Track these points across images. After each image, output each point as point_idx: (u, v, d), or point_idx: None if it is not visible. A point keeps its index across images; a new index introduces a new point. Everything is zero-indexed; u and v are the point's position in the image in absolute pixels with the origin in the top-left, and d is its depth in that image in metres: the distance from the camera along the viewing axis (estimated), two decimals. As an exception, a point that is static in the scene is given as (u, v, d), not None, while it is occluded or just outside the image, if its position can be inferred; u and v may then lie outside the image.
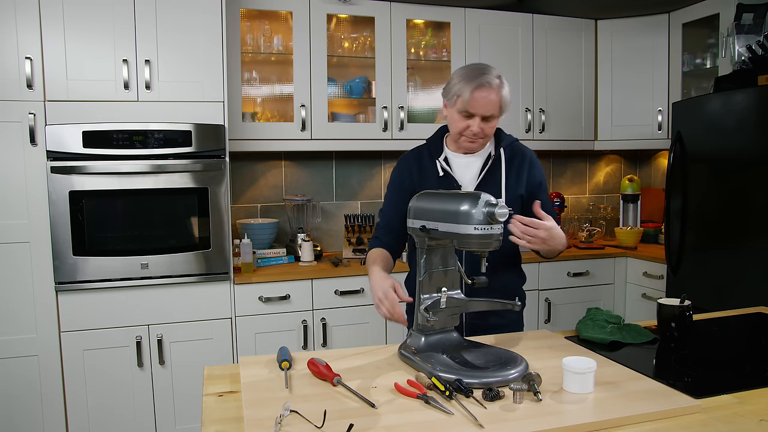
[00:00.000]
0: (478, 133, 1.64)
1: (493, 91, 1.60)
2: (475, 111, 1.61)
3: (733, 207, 2.61)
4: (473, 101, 1.59)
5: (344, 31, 3.23)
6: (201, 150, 2.58)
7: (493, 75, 1.61)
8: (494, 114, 1.63)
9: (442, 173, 1.71)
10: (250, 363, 1.37)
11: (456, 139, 1.70)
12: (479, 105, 1.60)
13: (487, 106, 1.60)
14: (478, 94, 1.59)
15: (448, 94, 1.66)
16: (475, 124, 1.62)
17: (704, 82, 3.33)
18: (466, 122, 1.63)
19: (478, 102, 1.59)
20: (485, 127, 1.64)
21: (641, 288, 3.28)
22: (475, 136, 1.65)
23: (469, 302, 1.44)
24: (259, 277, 2.73)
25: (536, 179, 1.76)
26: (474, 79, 1.60)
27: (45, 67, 2.40)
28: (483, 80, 1.59)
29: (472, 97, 1.59)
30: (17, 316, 2.44)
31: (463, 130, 1.65)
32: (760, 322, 1.75)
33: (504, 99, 1.63)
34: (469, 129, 1.63)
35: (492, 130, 1.68)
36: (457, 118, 1.65)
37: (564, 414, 1.07)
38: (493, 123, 1.66)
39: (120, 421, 2.57)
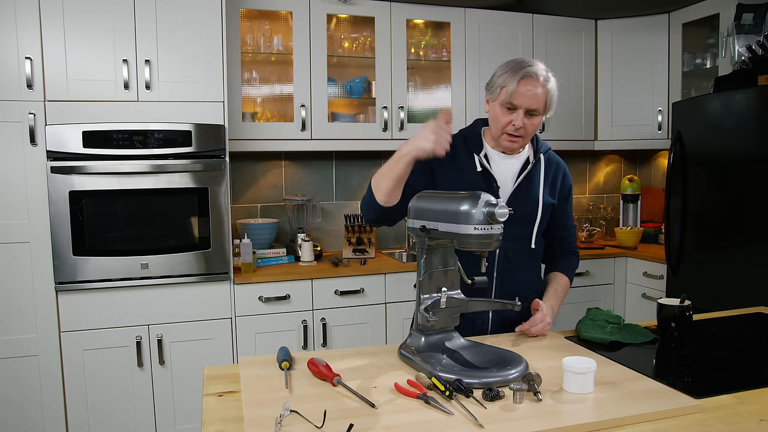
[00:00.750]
0: (521, 128, 1.56)
1: (540, 84, 1.54)
2: (519, 103, 1.54)
3: (733, 207, 2.61)
4: (518, 92, 1.53)
5: (344, 31, 3.23)
6: (201, 150, 2.58)
7: (540, 67, 1.55)
8: (539, 109, 1.56)
9: (481, 169, 1.64)
10: (250, 363, 1.37)
11: (497, 137, 1.63)
12: (524, 97, 1.53)
13: (532, 100, 1.54)
14: (524, 84, 1.53)
15: (492, 86, 1.59)
16: (518, 118, 1.55)
17: (704, 82, 3.33)
18: (509, 116, 1.57)
19: (523, 94, 1.53)
20: (528, 123, 1.57)
21: (641, 288, 3.28)
22: (517, 132, 1.57)
23: (469, 302, 1.44)
24: (259, 277, 2.73)
25: (567, 191, 1.75)
26: (520, 69, 1.53)
27: (45, 67, 2.40)
28: (530, 71, 1.53)
29: (517, 88, 1.53)
30: (17, 316, 2.44)
31: (505, 125, 1.58)
32: (760, 322, 1.75)
33: (550, 93, 1.56)
34: (512, 124, 1.57)
35: (534, 129, 1.61)
36: (500, 112, 1.58)
37: (564, 414, 1.07)
38: (537, 121, 1.59)
39: (120, 421, 2.57)
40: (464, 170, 1.66)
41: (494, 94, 1.59)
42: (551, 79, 1.57)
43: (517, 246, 1.65)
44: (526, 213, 1.65)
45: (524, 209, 1.64)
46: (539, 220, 1.66)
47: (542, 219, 1.67)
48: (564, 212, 1.76)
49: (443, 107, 3.34)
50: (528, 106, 1.55)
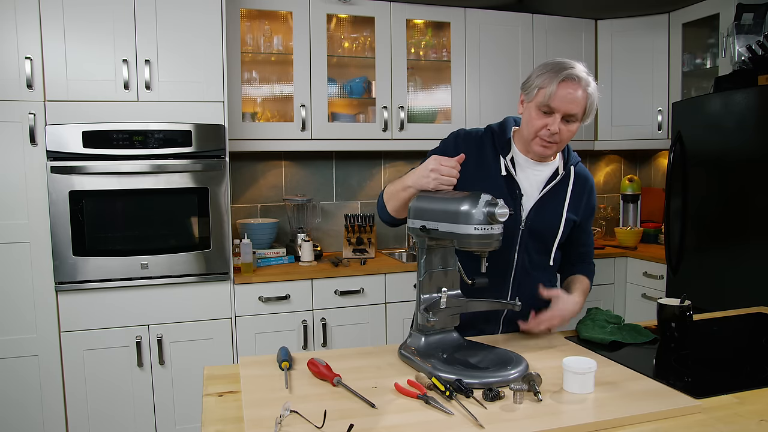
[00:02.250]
0: (556, 134, 1.46)
1: (581, 88, 1.44)
2: (557, 107, 1.44)
3: (733, 207, 2.61)
4: (558, 95, 1.43)
5: (344, 31, 3.23)
6: (201, 150, 2.58)
7: (581, 69, 1.45)
8: (577, 114, 1.46)
9: (506, 173, 1.55)
10: (250, 363, 1.36)
11: (529, 140, 1.52)
12: (564, 101, 1.43)
13: (572, 104, 1.44)
14: (564, 87, 1.42)
15: (529, 86, 1.49)
16: (555, 122, 1.45)
17: (704, 82, 3.33)
18: (544, 120, 1.46)
19: (563, 97, 1.43)
20: (564, 129, 1.47)
21: (641, 288, 3.28)
22: (552, 138, 1.47)
23: (469, 302, 1.44)
24: (259, 277, 2.73)
25: (591, 210, 1.68)
26: (562, 71, 1.43)
27: (45, 67, 2.40)
28: (572, 73, 1.43)
29: (557, 91, 1.42)
30: (17, 316, 2.44)
31: (539, 129, 1.48)
32: (760, 322, 1.75)
33: (591, 99, 1.46)
34: (547, 128, 1.46)
35: (570, 136, 1.50)
36: (535, 116, 1.48)
37: (564, 414, 1.07)
38: (574, 127, 1.48)
39: (120, 421, 2.57)
40: (488, 171, 1.57)
41: (531, 94, 1.48)
42: (592, 82, 1.47)
43: (536, 258, 1.61)
44: (547, 226, 1.58)
45: (546, 222, 1.58)
46: (560, 235, 1.59)
47: (563, 234, 1.60)
48: (585, 231, 1.71)
49: (443, 107, 3.34)
50: (566, 111, 1.45)
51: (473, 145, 1.59)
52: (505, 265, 1.58)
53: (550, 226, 1.59)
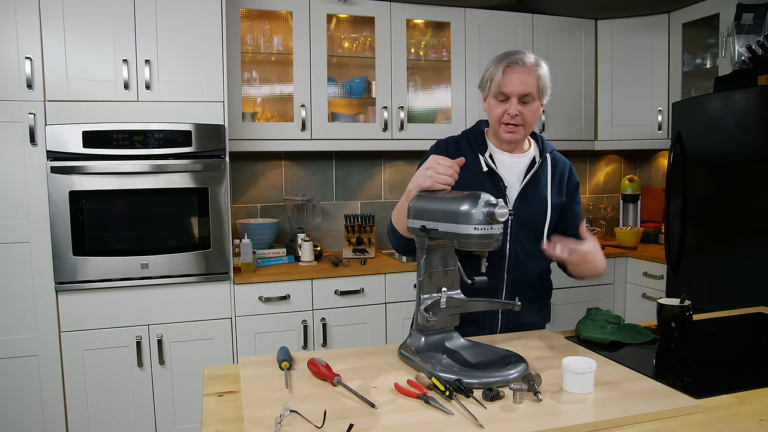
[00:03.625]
0: (517, 116, 1.54)
1: (527, 69, 1.53)
2: (509, 91, 1.53)
3: (733, 207, 2.61)
4: (506, 81, 1.53)
5: (344, 31, 3.23)
6: (201, 150, 2.58)
7: (527, 54, 1.55)
8: (532, 94, 1.54)
9: (487, 169, 1.62)
10: (250, 363, 1.36)
11: (496, 130, 1.61)
12: (513, 84, 1.52)
13: (522, 85, 1.52)
14: (510, 72, 1.52)
15: (482, 82, 1.59)
16: (512, 106, 1.54)
17: (704, 82, 3.33)
18: (503, 107, 1.56)
19: (511, 81, 1.52)
20: (524, 110, 1.55)
21: (641, 288, 3.28)
22: (514, 120, 1.55)
23: (469, 302, 1.44)
24: (259, 277, 2.73)
25: (574, 189, 1.72)
26: (506, 58, 1.54)
27: (45, 67, 2.40)
28: (515, 58, 1.53)
29: (504, 77, 1.52)
30: (17, 316, 2.44)
31: (501, 116, 1.57)
32: (760, 322, 1.75)
33: (542, 78, 1.54)
34: (507, 113, 1.55)
35: (532, 117, 1.57)
36: (494, 105, 1.57)
37: (564, 414, 1.07)
38: (533, 107, 1.56)
39: (120, 421, 2.57)
40: (471, 171, 1.62)
41: (486, 89, 1.60)
42: (541, 63, 1.56)
43: (528, 247, 1.64)
44: (535, 213, 1.63)
45: (533, 209, 1.62)
46: (549, 219, 1.63)
47: (551, 218, 1.65)
48: (572, 211, 1.73)
49: (443, 107, 3.34)
50: (519, 93, 1.53)
51: (453, 149, 1.67)
52: (498, 257, 1.61)
53: (537, 212, 1.63)
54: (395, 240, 1.62)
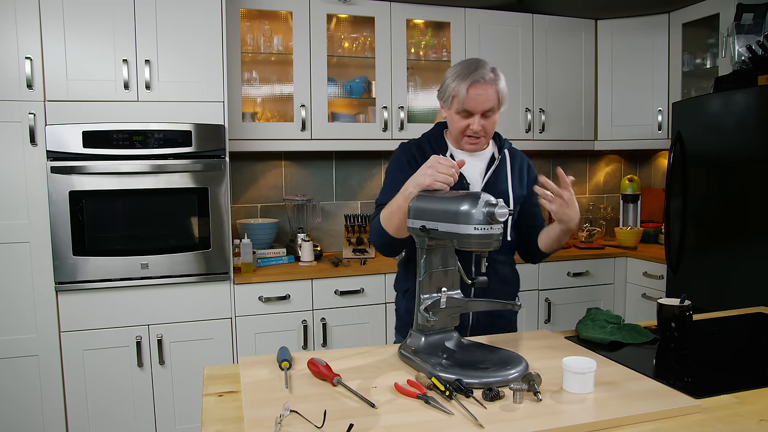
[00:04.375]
0: (480, 131, 1.61)
1: (489, 86, 1.57)
2: (473, 109, 1.58)
3: (733, 207, 2.61)
4: (470, 99, 1.57)
5: (344, 31, 3.23)
6: (201, 150, 2.58)
7: (487, 69, 1.58)
8: (493, 108, 1.60)
9: None
10: (250, 363, 1.37)
11: (458, 140, 1.68)
12: (477, 102, 1.57)
13: (485, 103, 1.57)
14: (473, 91, 1.56)
15: (444, 95, 1.64)
16: (475, 122, 1.59)
17: (704, 82, 3.33)
18: (466, 122, 1.61)
19: (475, 100, 1.57)
20: (486, 123, 1.61)
21: (641, 288, 3.28)
22: (476, 134, 1.62)
23: (469, 302, 1.44)
24: (259, 277, 2.73)
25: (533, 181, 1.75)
26: (468, 76, 1.56)
27: (45, 67, 2.40)
28: (477, 76, 1.56)
29: (468, 96, 1.56)
30: (17, 316, 2.44)
31: (464, 129, 1.63)
32: (760, 322, 1.75)
33: (501, 92, 1.59)
34: (470, 128, 1.61)
35: (493, 127, 1.65)
36: (457, 119, 1.62)
37: (564, 414, 1.07)
38: (494, 118, 1.62)
39: (120, 421, 2.57)
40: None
41: (447, 102, 1.63)
42: (500, 76, 1.60)
43: None
44: None
45: None
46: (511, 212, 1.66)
47: (514, 211, 1.71)
48: (532, 202, 1.75)
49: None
50: (482, 110, 1.59)
51: (416, 150, 1.72)
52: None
53: None
54: (380, 239, 1.61)
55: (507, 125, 3.38)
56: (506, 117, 3.37)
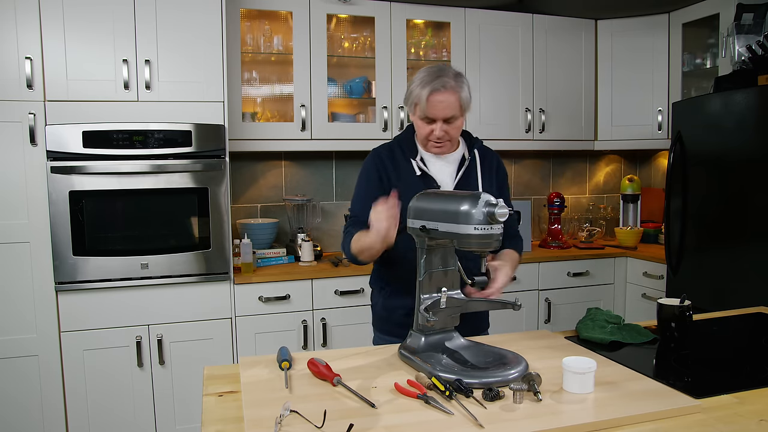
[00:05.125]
0: (443, 136, 1.64)
1: (449, 93, 1.59)
2: (434, 115, 1.61)
3: (733, 207, 2.61)
4: (431, 106, 1.59)
5: (344, 31, 3.23)
6: (201, 150, 2.58)
7: (448, 76, 1.60)
8: (455, 115, 1.62)
9: (420, 172, 1.69)
10: (250, 363, 1.37)
11: (425, 144, 1.71)
12: (437, 109, 1.59)
13: (446, 110, 1.60)
14: (434, 98, 1.58)
15: (408, 101, 1.67)
16: (437, 128, 1.62)
17: (704, 82, 3.33)
18: (429, 127, 1.64)
19: (435, 107, 1.59)
20: (449, 129, 1.64)
21: (641, 288, 3.28)
22: (440, 140, 1.65)
23: (469, 302, 1.44)
24: (259, 277, 2.73)
25: (502, 178, 1.80)
26: (429, 83, 1.59)
27: (45, 67, 2.40)
28: (437, 84, 1.58)
29: (429, 103, 1.59)
30: (17, 316, 2.44)
31: (428, 135, 1.66)
32: (760, 322, 1.75)
33: (463, 99, 1.61)
34: (433, 133, 1.64)
35: (457, 132, 1.67)
36: (421, 125, 1.66)
37: (564, 414, 1.07)
38: (457, 124, 1.65)
39: (120, 421, 2.57)
40: (407, 177, 1.70)
41: (411, 108, 1.67)
42: (463, 82, 1.62)
43: None
44: None
45: None
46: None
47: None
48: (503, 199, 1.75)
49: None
50: (443, 116, 1.61)
51: (387, 156, 1.75)
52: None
53: None
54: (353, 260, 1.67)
55: (507, 125, 3.38)
56: (506, 117, 3.38)
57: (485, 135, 3.30)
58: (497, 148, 3.35)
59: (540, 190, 3.87)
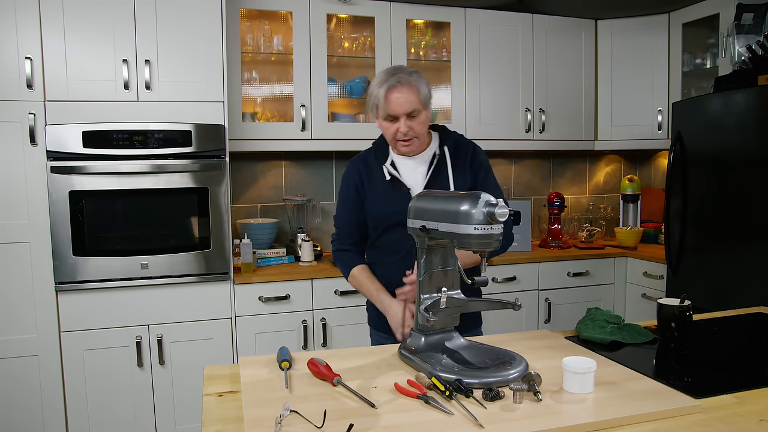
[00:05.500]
0: (408, 132, 1.64)
1: (406, 88, 1.61)
2: (395, 112, 1.62)
3: (733, 207, 2.61)
4: (390, 103, 1.62)
5: (344, 31, 3.23)
6: (201, 150, 2.58)
7: (404, 73, 1.63)
8: (416, 109, 1.63)
9: (389, 177, 1.72)
10: (250, 363, 1.37)
11: (393, 145, 1.72)
12: (397, 105, 1.61)
13: (405, 104, 1.61)
14: (392, 95, 1.61)
15: (370, 105, 1.70)
16: (401, 124, 1.64)
17: (704, 82, 3.33)
18: (394, 126, 1.65)
19: (395, 103, 1.61)
20: (413, 124, 1.64)
21: (641, 288, 3.28)
22: (406, 137, 1.66)
23: (469, 302, 1.44)
24: (259, 277, 2.73)
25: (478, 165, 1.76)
26: (384, 82, 1.62)
27: (45, 67, 2.40)
28: (393, 80, 1.61)
29: (387, 100, 1.62)
30: (17, 316, 2.44)
31: (394, 134, 1.67)
32: (760, 322, 1.75)
33: (421, 92, 1.63)
34: (399, 131, 1.65)
35: (422, 127, 1.67)
36: (386, 125, 1.68)
37: (564, 414, 1.07)
38: (421, 118, 1.65)
39: (120, 421, 2.57)
40: (377, 183, 1.74)
41: (373, 111, 1.70)
42: (419, 77, 1.64)
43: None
44: None
45: None
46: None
47: None
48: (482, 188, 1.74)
49: (443, 107, 3.34)
50: (404, 112, 1.62)
51: (362, 165, 1.80)
52: (411, 251, 1.64)
53: None
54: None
55: (507, 125, 3.38)
56: (506, 117, 3.38)
57: (485, 135, 3.31)
58: (497, 148, 3.39)
59: (540, 190, 3.86)
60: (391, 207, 1.70)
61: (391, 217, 1.70)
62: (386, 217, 1.72)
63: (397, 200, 1.67)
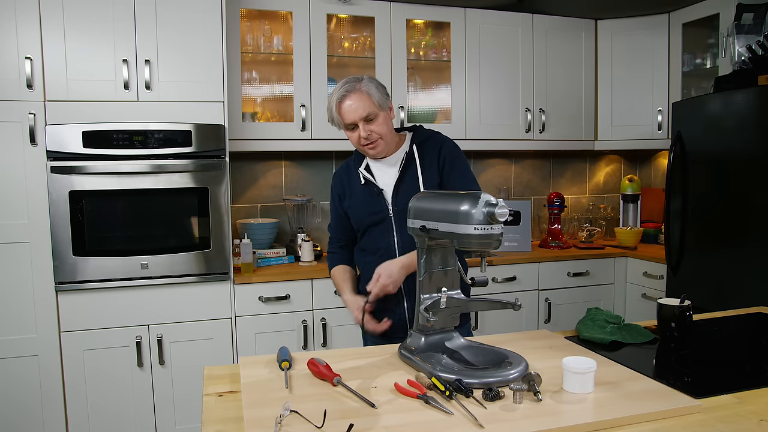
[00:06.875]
0: (369, 135, 1.70)
1: (356, 95, 1.68)
2: (351, 120, 1.69)
3: (733, 207, 2.61)
4: (343, 113, 1.69)
5: (344, 31, 3.23)
6: (201, 150, 2.58)
7: (354, 81, 1.70)
8: (372, 112, 1.69)
9: (364, 181, 1.80)
10: (250, 363, 1.37)
11: (363, 152, 1.79)
12: (350, 112, 1.68)
13: (358, 110, 1.68)
14: (343, 105, 1.69)
15: (330, 119, 1.76)
16: (361, 129, 1.70)
17: (704, 82, 3.33)
18: (355, 134, 1.72)
19: (347, 111, 1.69)
20: (373, 128, 1.70)
21: (641, 288, 3.28)
22: (369, 140, 1.71)
23: (469, 302, 1.44)
24: (259, 277, 2.73)
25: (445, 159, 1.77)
26: (335, 93, 1.70)
27: (45, 67, 2.40)
28: (342, 91, 1.69)
29: (340, 110, 1.69)
30: (17, 316, 2.44)
31: (357, 141, 1.73)
32: (760, 322, 1.75)
33: (372, 95, 1.69)
34: (361, 137, 1.71)
35: (383, 129, 1.72)
36: (349, 135, 1.75)
37: (564, 414, 1.07)
38: (379, 121, 1.71)
39: (120, 421, 2.57)
40: (355, 188, 1.83)
41: (337, 124, 1.76)
42: (369, 81, 1.71)
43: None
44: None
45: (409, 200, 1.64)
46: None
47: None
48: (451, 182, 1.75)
49: (443, 107, 3.34)
50: (360, 117, 1.69)
51: (344, 174, 1.89)
52: (388, 249, 1.77)
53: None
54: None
55: (507, 125, 3.38)
56: (506, 117, 3.38)
57: (485, 135, 3.31)
58: (497, 148, 3.40)
59: (540, 190, 3.87)
60: (367, 208, 1.80)
61: (368, 218, 1.80)
62: (363, 218, 1.82)
63: (372, 202, 1.78)
